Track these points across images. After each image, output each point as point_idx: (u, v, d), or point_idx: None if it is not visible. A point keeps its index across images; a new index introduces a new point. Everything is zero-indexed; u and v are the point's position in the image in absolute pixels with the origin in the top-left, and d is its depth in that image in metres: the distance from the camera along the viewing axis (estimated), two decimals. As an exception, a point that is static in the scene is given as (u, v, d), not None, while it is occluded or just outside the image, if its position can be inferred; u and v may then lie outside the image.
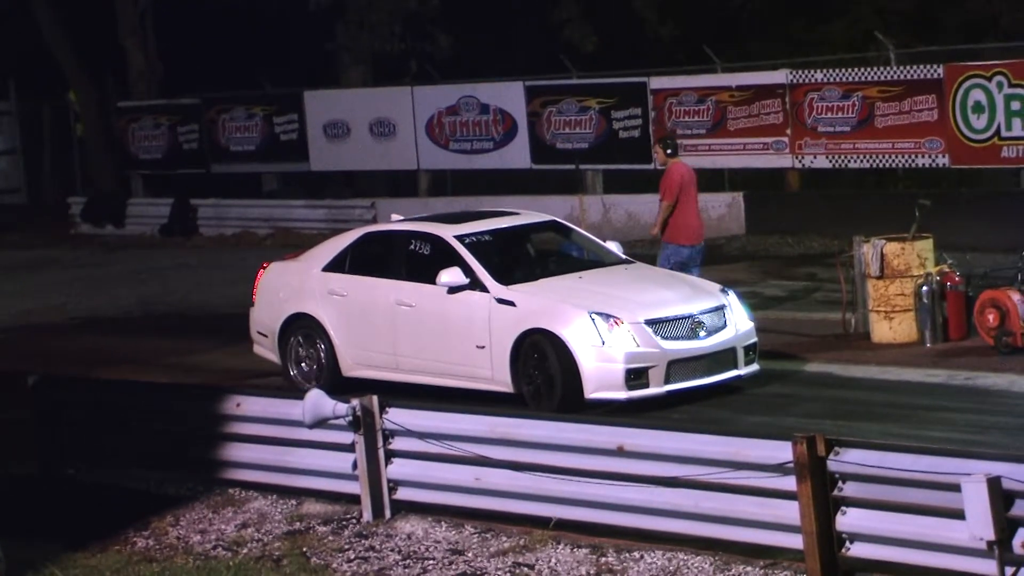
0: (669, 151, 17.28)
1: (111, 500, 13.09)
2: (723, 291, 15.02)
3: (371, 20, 31.89)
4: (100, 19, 33.96)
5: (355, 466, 11.88)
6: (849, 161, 24.03)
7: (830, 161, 24.23)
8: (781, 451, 9.89)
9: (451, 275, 14.84)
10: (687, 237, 16.81)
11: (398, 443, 11.81)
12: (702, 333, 14.46)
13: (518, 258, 15.60)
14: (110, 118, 34.39)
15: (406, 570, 10.96)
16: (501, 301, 14.65)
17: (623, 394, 14.11)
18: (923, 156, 23.16)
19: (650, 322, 14.27)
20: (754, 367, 14.77)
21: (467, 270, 14.88)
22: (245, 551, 11.66)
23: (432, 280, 14.95)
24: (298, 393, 12.99)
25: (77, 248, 30.70)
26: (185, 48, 34.41)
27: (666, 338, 14.29)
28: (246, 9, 33.44)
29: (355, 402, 11.76)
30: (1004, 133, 22.22)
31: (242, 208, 30.96)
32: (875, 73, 23.63)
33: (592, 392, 14.13)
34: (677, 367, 14.26)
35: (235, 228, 30.54)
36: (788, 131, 24.44)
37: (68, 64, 34.31)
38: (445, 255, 15.12)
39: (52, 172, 37.52)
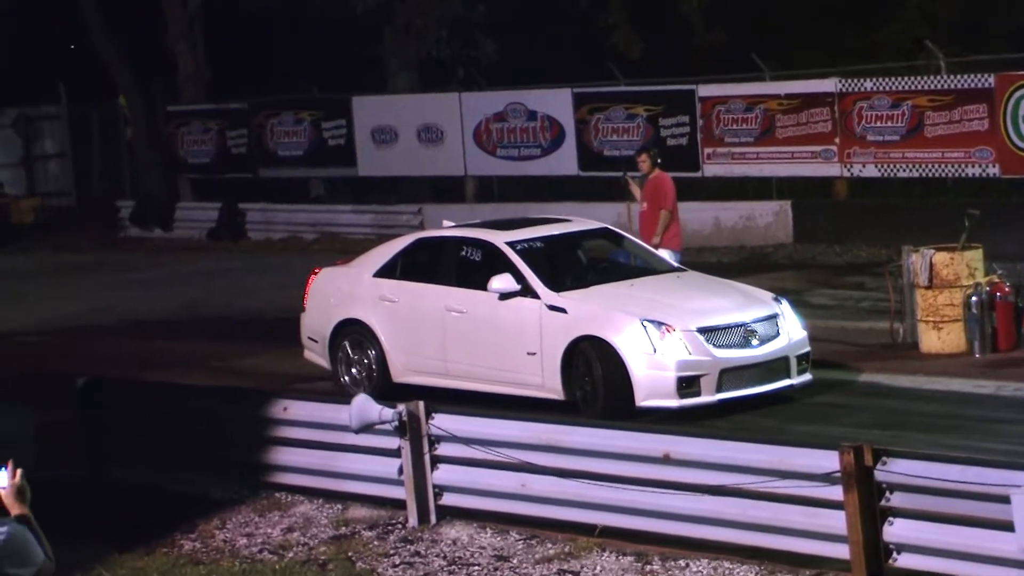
0: (659, 161, 17.99)
1: (158, 502, 13.14)
2: (776, 300, 14.93)
3: (418, 26, 31.98)
4: (149, 24, 34.17)
5: (401, 471, 11.89)
6: (898, 170, 23.93)
7: (879, 170, 24.14)
8: (828, 460, 9.85)
9: (502, 281, 14.81)
10: (678, 243, 17.38)
11: (444, 449, 11.82)
12: (755, 342, 14.37)
13: (569, 265, 15.57)
14: (159, 122, 34.60)
15: (451, 576, 10.98)
16: (552, 308, 14.61)
17: (674, 402, 14.05)
18: (973, 166, 23.04)
19: (702, 330, 14.20)
20: (807, 376, 14.66)
21: (518, 276, 14.85)
22: (291, 555, 11.69)
23: (483, 286, 14.92)
24: (344, 397, 13.01)
25: (125, 251, 30.87)
26: (234, 53, 34.59)
27: (718, 346, 14.21)
28: (294, 14, 33.59)
29: (401, 407, 11.77)
30: (1055, 143, 22.10)
31: (289, 213, 31.08)
32: (925, 82, 23.53)
33: (643, 400, 14.08)
34: (729, 375, 14.17)
35: (282, 233, 30.65)
36: (837, 140, 24.36)
37: (117, 68, 34.54)
38: (497, 261, 15.09)
39: (101, 176, 37.77)
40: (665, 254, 16.09)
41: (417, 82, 32.85)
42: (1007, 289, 15.95)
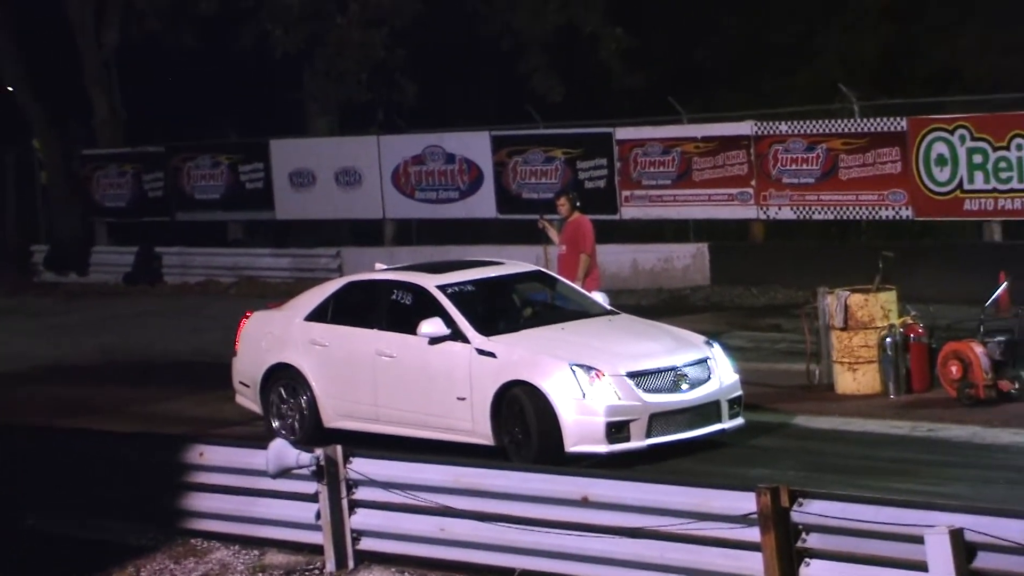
0: (578, 204, 18.10)
1: (71, 550, 12.98)
2: (708, 343, 14.86)
3: (338, 69, 31.96)
4: (65, 66, 33.92)
5: (318, 516, 11.82)
6: (813, 212, 24.13)
7: (795, 212, 24.34)
8: (745, 502, 9.88)
9: (432, 325, 14.71)
10: (597, 286, 17.27)
11: (362, 493, 11.76)
12: (684, 386, 14.29)
13: (501, 308, 15.45)
14: (74, 166, 34.32)
15: (369, 621, 10.91)
16: (482, 352, 14.51)
17: (604, 447, 13.93)
18: (887, 208, 23.28)
19: (632, 374, 14.10)
20: (739, 420, 14.59)
21: (448, 320, 14.75)
22: (207, 602, 11.59)
23: (414, 330, 14.81)
24: (261, 442, 12.92)
25: (40, 296, 30.56)
26: (151, 96, 34.39)
27: (648, 391, 14.11)
28: (212, 57, 33.47)
29: (319, 452, 11.71)
30: (967, 186, 22.37)
31: (207, 256, 30.91)
32: (839, 125, 23.78)
33: (572, 445, 13.95)
34: (659, 420, 14.06)
35: (200, 276, 30.47)
36: (753, 182, 24.55)
37: (32, 111, 34.24)
38: (427, 305, 15.00)
39: (15, 220, 37.38)
40: (598, 297, 16.03)
41: (337, 125, 32.81)
42: (921, 330, 16.11)
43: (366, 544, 11.80)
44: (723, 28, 32.90)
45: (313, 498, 11.81)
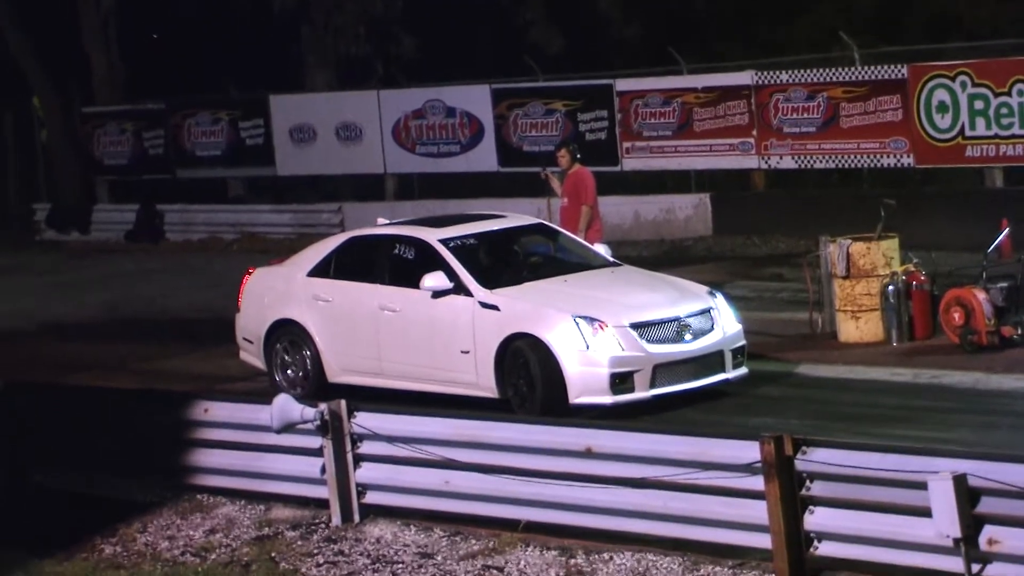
0: (579, 156, 18.06)
1: (78, 507, 13.03)
2: (711, 293, 14.89)
3: (336, 23, 31.88)
4: (63, 24, 33.83)
5: (323, 470, 11.86)
6: (814, 161, 24.13)
7: (796, 162, 24.33)
8: (748, 451, 9.91)
9: (435, 279, 14.72)
10: (599, 238, 17.22)
11: (366, 447, 11.80)
12: (688, 336, 14.31)
13: (503, 262, 15.44)
14: (74, 123, 34.27)
15: (375, 574, 10.97)
16: (485, 305, 14.53)
17: (608, 398, 13.99)
18: (888, 156, 23.27)
19: (635, 325, 14.13)
20: (742, 370, 14.63)
21: (451, 274, 14.75)
22: (213, 557, 11.64)
23: (416, 284, 14.81)
24: (266, 398, 12.96)
25: (42, 255, 30.58)
26: (150, 52, 34.33)
27: (651, 341, 14.14)
28: (210, 13, 33.38)
29: (323, 406, 11.74)
30: (968, 132, 22.35)
31: (208, 213, 30.90)
32: (840, 74, 23.73)
33: (577, 397, 14.01)
34: (663, 371, 14.10)
35: (201, 233, 30.47)
36: (754, 132, 24.52)
37: (31, 69, 34.18)
38: (429, 259, 15.00)
39: (16, 178, 37.36)
40: (601, 248, 16.03)
41: (335, 80, 32.74)
42: (923, 278, 16.12)
43: (371, 498, 11.85)
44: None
45: (318, 453, 11.86)
